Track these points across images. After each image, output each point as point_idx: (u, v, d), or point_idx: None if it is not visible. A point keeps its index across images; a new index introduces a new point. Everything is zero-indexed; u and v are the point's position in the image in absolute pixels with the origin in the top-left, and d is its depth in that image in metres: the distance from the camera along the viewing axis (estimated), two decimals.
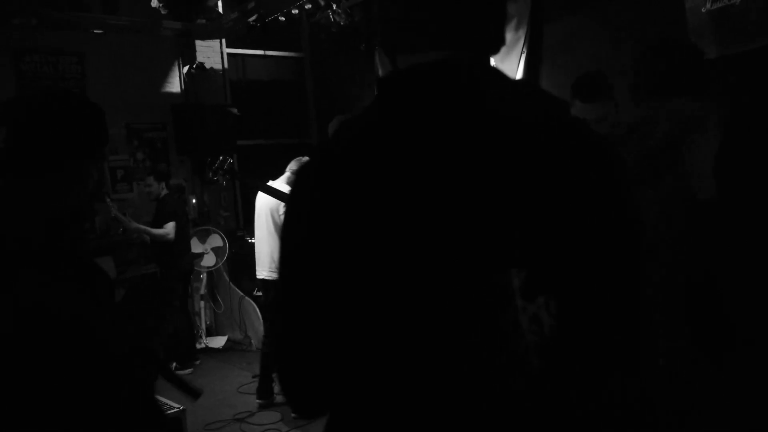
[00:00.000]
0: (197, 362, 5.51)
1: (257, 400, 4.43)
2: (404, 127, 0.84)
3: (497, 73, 0.88)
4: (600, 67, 4.31)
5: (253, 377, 4.95)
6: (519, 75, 4.64)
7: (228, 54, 6.78)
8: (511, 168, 0.78)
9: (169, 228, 5.25)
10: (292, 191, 0.93)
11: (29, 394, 1.04)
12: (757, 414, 1.52)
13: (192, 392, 1.35)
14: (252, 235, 5.80)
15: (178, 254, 5.37)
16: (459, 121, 0.82)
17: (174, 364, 5.35)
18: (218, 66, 6.69)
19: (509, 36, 4.61)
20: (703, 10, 3.95)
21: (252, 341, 5.86)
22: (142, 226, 5.38)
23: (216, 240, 6.11)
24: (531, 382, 0.78)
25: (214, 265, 6.08)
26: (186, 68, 6.59)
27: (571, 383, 0.79)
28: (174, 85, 6.59)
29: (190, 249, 5.59)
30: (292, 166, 4.47)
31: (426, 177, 0.80)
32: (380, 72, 5.11)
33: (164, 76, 6.54)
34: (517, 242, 0.77)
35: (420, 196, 0.80)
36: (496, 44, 0.91)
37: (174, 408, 3.69)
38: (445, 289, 0.79)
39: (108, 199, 5.55)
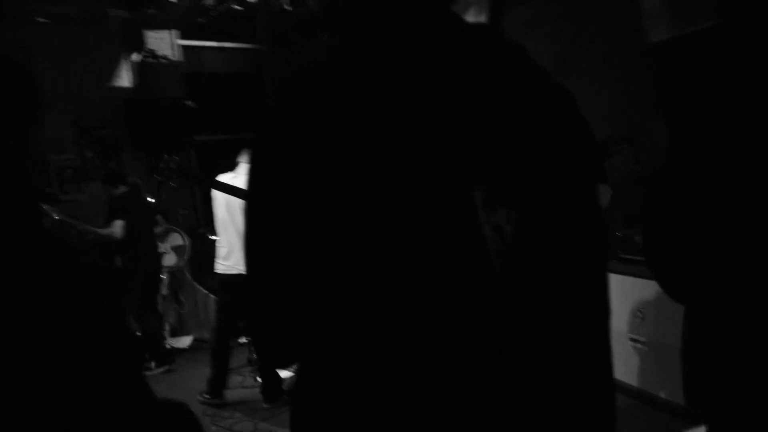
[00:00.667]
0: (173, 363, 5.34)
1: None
2: (370, 69, 0.88)
3: (456, 15, 0.94)
4: (561, 52, 4.43)
5: None
6: None
7: (181, 46, 6.55)
8: (472, 98, 0.86)
9: (115, 227, 5.03)
10: (257, 148, 0.94)
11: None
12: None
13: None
14: (213, 232, 5.67)
15: (136, 254, 5.20)
16: (424, 59, 0.87)
17: (153, 363, 5.18)
18: (171, 58, 6.46)
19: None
20: None
21: None
22: (88, 227, 5.19)
23: (176, 239, 5.92)
24: (495, 283, 0.84)
25: (175, 265, 5.91)
26: (135, 58, 6.31)
27: (531, 279, 0.87)
28: (124, 79, 6.33)
29: (152, 248, 5.41)
30: (244, 158, 4.30)
31: (392, 115, 0.85)
32: None
33: (113, 69, 6.27)
34: (478, 163, 0.85)
35: (388, 134, 0.85)
36: None
37: None
38: (418, 205, 0.84)
39: (46, 206, 5.31)
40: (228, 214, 4.30)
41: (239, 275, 4.13)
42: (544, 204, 0.88)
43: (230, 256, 4.28)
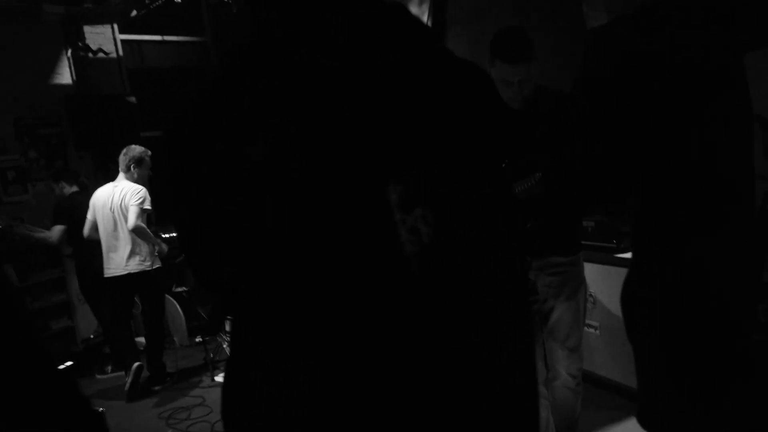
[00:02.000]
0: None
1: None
2: (282, 54, 0.86)
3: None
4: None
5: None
6: None
7: (122, 40, 6.34)
8: (384, 88, 0.84)
9: (53, 233, 4.98)
10: (182, 120, 0.92)
11: None
12: None
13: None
14: (165, 230, 5.57)
15: (81, 257, 5.07)
16: (338, 45, 0.85)
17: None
18: (112, 53, 6.25)
19: (413, 9, 4.65)
20: None
21: (175, 339, 5.66)
22: (26, 231, 5.06)
23: None
24: (412, 285, 0.83)
25: None
26: (71, 53, 6.09)
27: (450, 280, 0.85)
28: (64, 75, 6.12)
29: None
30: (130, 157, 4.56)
31: (305, 106, 0.82)
32: None
33: (52, 65, 6.05)
34: (393, 160, 0.82)
35: (302, 125, 0.82)
36: None
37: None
38: (332, 206, 0.82)
39: None
40: (109, 219, 4.52)
41: (127, 274, 4.46)
42: (460, 202, 0.87)
43: (115, 258, 4.51)
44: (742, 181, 1.46)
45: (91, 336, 5.61)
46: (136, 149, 4.59)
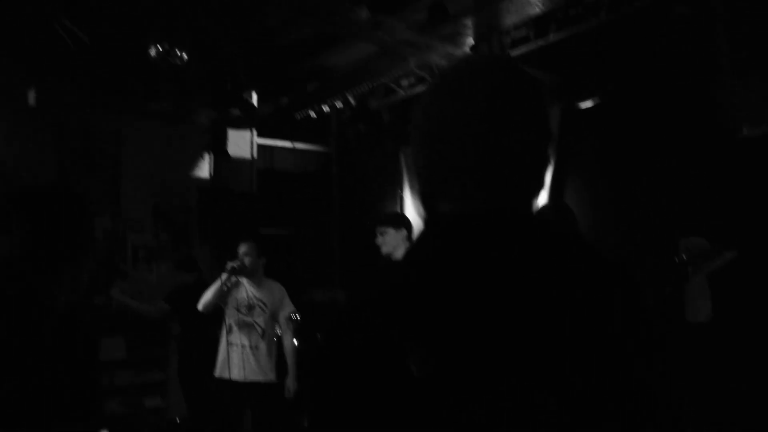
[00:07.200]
0: None
1: None
2: (450, 281, 0.83)
3: (538, 222, 0.91)
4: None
5: None
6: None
7: (257, 144, 6.98)
8: (552, 330, 0.78)
9: (154, 308, 5.30)
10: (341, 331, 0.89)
11: None
12: None
13: None
14: None
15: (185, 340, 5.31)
16: (503, 274, 0.82)
17: None
18: (247, 155, 6.88)
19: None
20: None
21: None
22: (124, 300, 5.40)
23: None
24: None
25: None
26: (212, 153, 6.76)
27: None
28: (203, 170, 6.76)
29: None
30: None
31: (471, 331, 0.79)
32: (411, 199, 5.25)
33: (194, 160, 6.73)
34: (554, 409, 0.75)
35: (466, 352, 0.78)
36: (537, 189, 0.93)
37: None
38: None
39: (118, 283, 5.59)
40: None
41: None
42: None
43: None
44: None
45: (177, 420, 5.73)
46: None
